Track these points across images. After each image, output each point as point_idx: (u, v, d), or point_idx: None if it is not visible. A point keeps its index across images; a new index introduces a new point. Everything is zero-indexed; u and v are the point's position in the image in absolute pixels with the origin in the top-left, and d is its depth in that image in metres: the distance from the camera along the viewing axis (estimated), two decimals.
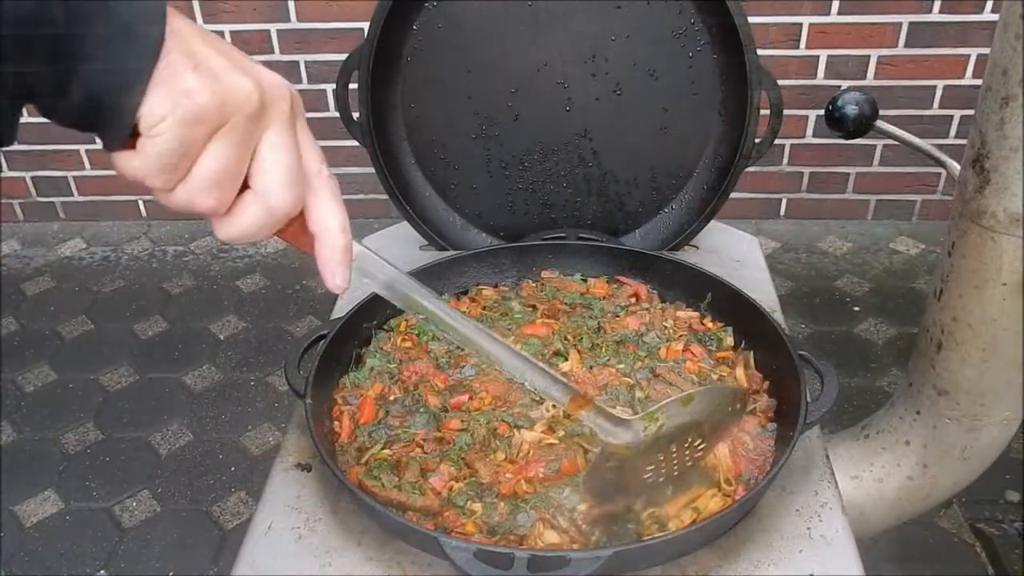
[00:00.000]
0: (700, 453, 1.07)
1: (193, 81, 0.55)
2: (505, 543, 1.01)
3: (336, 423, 1.21)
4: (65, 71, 0.54)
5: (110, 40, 0.53)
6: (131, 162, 0.57)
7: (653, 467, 1.03)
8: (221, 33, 3.41)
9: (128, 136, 0.56)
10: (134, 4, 0.53)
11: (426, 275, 1.46)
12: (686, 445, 1.05)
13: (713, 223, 1.64)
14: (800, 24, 3.28)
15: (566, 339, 1.33)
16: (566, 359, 1.29)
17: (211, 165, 0.58)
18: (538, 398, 1.21)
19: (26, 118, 0.61)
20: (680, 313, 1.41)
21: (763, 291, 1.55)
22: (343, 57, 1.52)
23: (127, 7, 0.53)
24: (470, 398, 1.23)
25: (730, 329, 1.37)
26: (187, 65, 0.55)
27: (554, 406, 1.18)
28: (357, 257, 0.73)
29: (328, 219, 0.67)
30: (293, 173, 0.62)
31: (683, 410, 1.02)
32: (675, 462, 1.05)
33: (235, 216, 0.62)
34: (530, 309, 1.43)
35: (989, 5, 3.18)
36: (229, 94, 0.56)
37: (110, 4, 0.52)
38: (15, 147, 3.69)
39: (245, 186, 0.62)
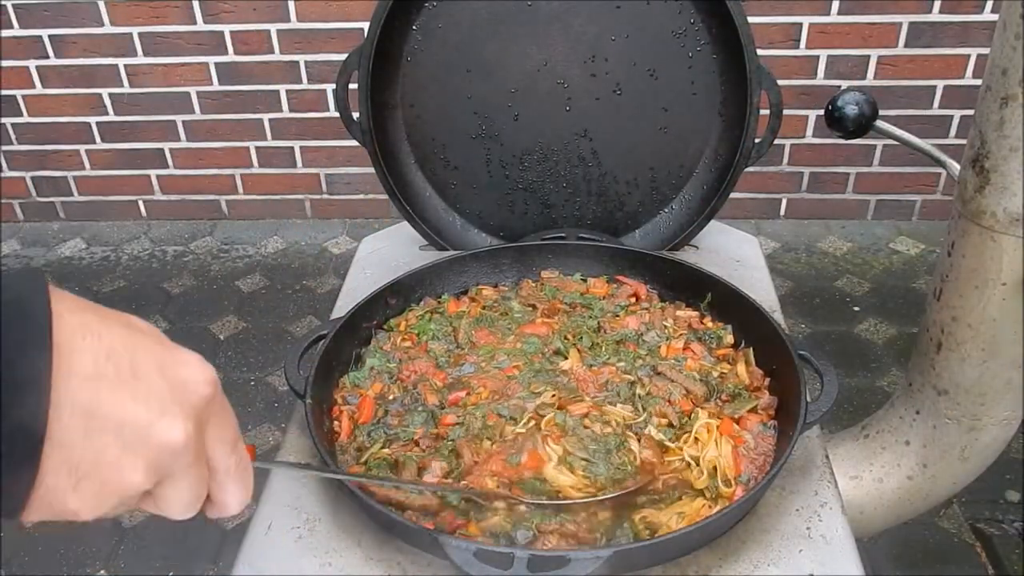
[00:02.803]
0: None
1: (76, 502, 0.54)
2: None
3: (336, 423, 1.21)
4: None
5: None
6: None
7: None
8: (221, 33, 3.41)
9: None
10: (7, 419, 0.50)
11: (426, 275, 1.46)
12: None
13: (713, 223, 1.64)
14: (800, 24, 3.28)
15: (566, 338, 1.33)
16: (566, 358, 1.29)
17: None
18: (538, 391, 1.21)
19: (26, 118, 0.60)
20: (680, 312, 1.41)
21: (763, 291, 1.55)
22: (343, 57, 1.52)
23: None
24: (468, 394, 1.23)
25: (730, 327, 1.37)
26: (68, 483, 0.54)
27: (553, 395, 1.20)
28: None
29: (227, 503, 0.66)
30: (190, 505, 0.62)
31: None
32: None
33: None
34: (530, 309, 1.43)
35: (989, 5, 3.18)
36: (117, 499, 0.56)
37: None
38: (15, 147, 3.69)
39: None
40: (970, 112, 3.34)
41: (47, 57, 3.50)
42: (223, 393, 0.63)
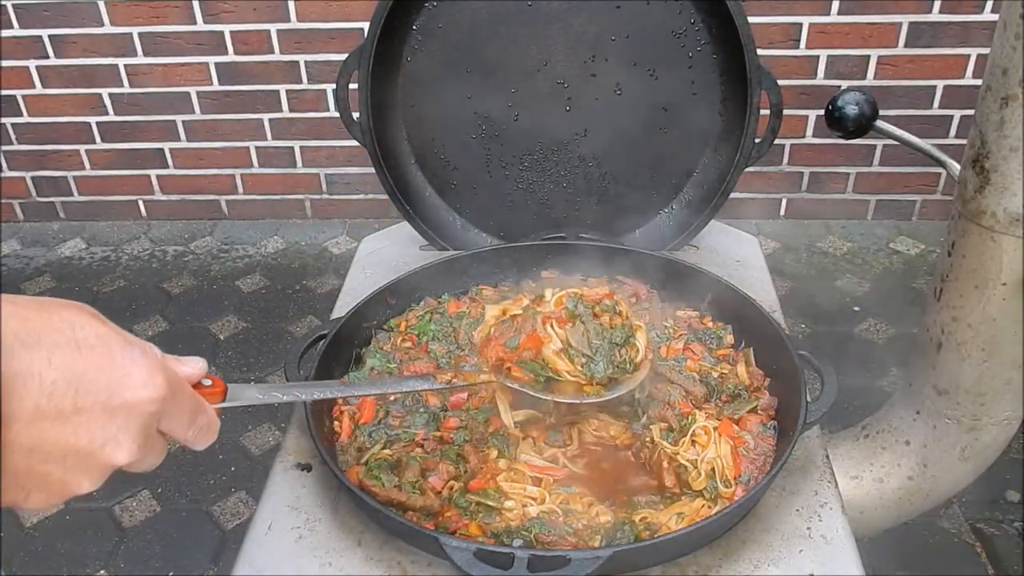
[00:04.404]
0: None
1: (29, 504, 0.63)
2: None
3: (336, 423, 1.21)
4: None
5: None
6: None
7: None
8: (221, 33, 3.41)
9: None
10: None
11: (426, 275, 1.46)
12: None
13: (713, 223, 1.64)
14: (800, 24, 3.27)
15: None
16: None
17: None
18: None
19: (26, 118, 0.61)
20: (680, 312, 1.41)
21: (763, 291, 1.55)
22: (343, 57, 1.52)
23: None
24: (469, 396, 1.23)
25: (730, 327, 1.37)
26: (19, 496, 0.62)
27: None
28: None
29: (194, 449, 0.79)
30: (152, 467, 0.73)
31: None
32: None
33: None
34: None
35: (989, 5, 3.18)
36: (69, 497, 0.65)
37: None
38: (15, 147, 3.69)
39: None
40: (970, 112, 3.34)
41: (47, 57, 3.50)
42: (174, 386, 0.69)
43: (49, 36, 3.46)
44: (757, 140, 1.52)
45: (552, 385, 1.09)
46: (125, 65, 3.52)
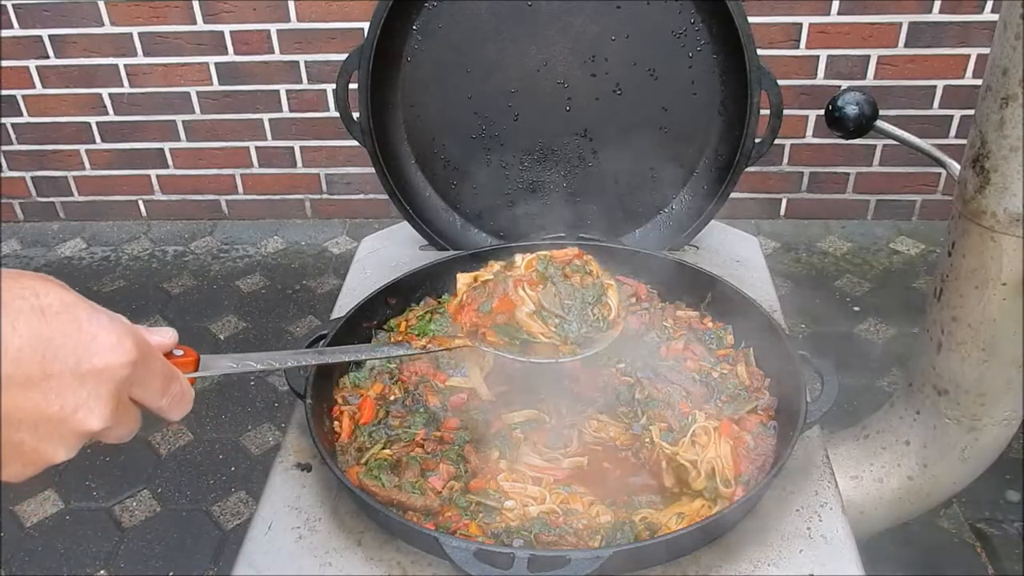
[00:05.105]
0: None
1: (3, 476, 0.62)
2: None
3: (336, 423, 1.21)
4: None
5: None
6: None
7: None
8: (220, 33, 3.41)
9: None
10: None
11: (426, 275, 1.46)
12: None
13: (713, 223, 1.64)
14: (800, 24, 3.27)
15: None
16: None
17: None
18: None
19: (26, 118, 0.61)
20: (680, 312, 1.41)
21: (763, 291, 1.55)
22: (343, 57, 1.52)
23: None
24: (470, 397, 1.23)
25: (730, 327, 1.37)
26: None
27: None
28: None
29: (169, 420, 0.76)
30: (125, 439, 0.70)
31: None
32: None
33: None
34: None
35: (989, 5, 3.18)
36: (43, 468, 0.63)
37: None
38: (15, 147, 3.70)
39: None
40: (970, 112, 3.34)
41: (47, 57, 3.50)
42: (145, 352, 0.69)
43: (49, 36, 3.46)
44: (757, 140, 1.52)
45: (528, 347, 1.09)
46: (125, 65, 3.52)
